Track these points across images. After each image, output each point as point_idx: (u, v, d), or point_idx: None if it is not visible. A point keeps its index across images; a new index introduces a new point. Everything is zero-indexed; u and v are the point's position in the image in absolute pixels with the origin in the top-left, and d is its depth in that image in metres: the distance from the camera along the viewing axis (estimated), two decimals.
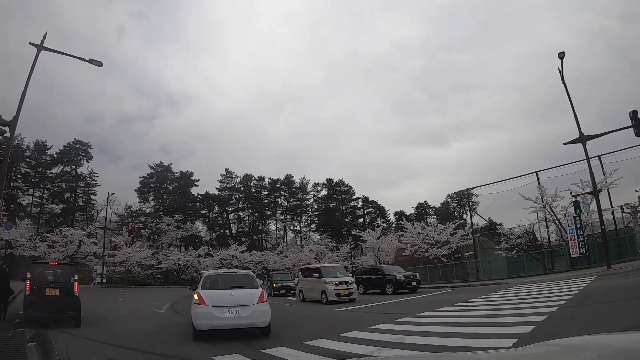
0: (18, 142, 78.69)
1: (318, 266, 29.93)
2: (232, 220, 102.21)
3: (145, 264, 69.50)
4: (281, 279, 39.71)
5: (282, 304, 28.62)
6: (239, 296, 12.99)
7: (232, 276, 14.94)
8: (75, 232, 66.69)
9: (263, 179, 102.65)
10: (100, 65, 23.94)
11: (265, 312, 13.06)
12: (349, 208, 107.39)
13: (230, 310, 12.52)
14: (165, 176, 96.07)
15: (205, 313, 12.44)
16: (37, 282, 16.28)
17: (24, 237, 61.21)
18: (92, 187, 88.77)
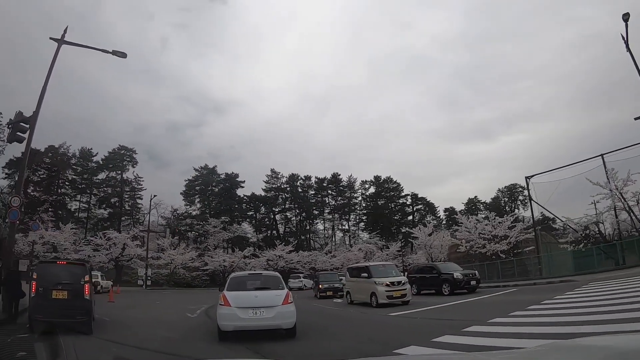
0: (64, 150, 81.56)
1: (367, 265, 26.66)
2: (279, 220, 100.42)
3: (190, 265, 68.24)
4: (328, 279, 36.57)
5: (327, 307, 26.02)
6: (263, 297, 12.80)
7: (257, 277, 14.87)
8: (118, 235, 65.79)
9: (309, 178, 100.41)
10: (125, 57, 23.56)
11: (290, 313, 12.82)
12: (398, 205, 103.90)
13: (254, 311, 12.36)
14: (211, 178, 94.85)
15: (229, 314, 12.30)
16: (43, 283, 14.53)
17: (68, 241, 60.99)
18: (137, 192, 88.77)
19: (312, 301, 32.57)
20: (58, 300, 14.40)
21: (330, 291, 34.00)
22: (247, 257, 72.52)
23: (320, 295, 34.23)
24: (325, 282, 35.40)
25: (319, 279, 37.01)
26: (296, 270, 70.63)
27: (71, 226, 66.25)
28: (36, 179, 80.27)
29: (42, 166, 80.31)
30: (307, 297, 36.92)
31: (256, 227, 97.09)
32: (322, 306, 26.85)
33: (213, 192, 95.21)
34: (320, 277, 37.43)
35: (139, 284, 59.96)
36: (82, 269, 16.13)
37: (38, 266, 15.90)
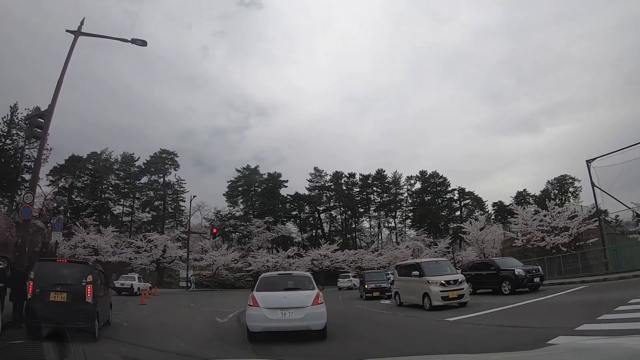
0: (106, 156, 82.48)
1: (418, 262, 23.46)
2: (324, 219, 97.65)
3: (233, 266, 66.84)
4: (374, 279, 33.26)
5: (373, 309, 23.21)
6: (292, 298, 12.40)
7: (287, 278, 14.50)
8: (159, 236, 64.56)
9: (353, 176, 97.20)
10: (145, 45, 22.75)
11: (320, 315, 12.34)
12: (445, 201, 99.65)
13: (283, 312, 12.01)
14: (253, 179, 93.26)
15: (257, 315, 12.10)
16: (41, 284, 12.75)
17: (109, 244, 60.56)
18: (180, 194, 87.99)
19: (358, 302, 29.88)
20: (56, 304, 12.59)
21: (377, 291, 30.94)
22: (291, 257, 70.55)
23: (366, 296, 31.31)
24: (371, 281, 32.22)
25: (365, 278, 33.86)
26: (342, 270, 68.28)
27: (112, 229, 65.67)
28: (80, 185, 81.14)
29: (86, 172, 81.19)
30: (353, 298, 34.32)
31: (300, 226, 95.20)
32: (368, 308, 24.08)
33: (256, 193, 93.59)
34: (366, 277, 34.20)
35: (181, 286, 58.97)
36: (85, 268, 14.16)
37: (36, 265, 13.97)
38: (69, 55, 21.57)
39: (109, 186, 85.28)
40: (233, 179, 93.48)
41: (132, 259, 61.65)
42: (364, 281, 33.41)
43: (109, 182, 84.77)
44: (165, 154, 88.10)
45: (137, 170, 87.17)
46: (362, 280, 35.23)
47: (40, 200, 72.03)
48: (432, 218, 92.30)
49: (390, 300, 28.06)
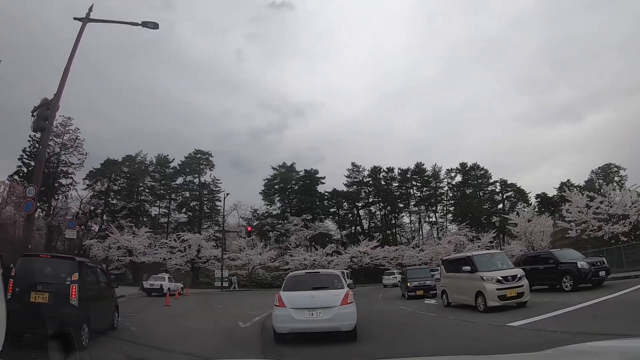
0: (141, 158, 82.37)
1: (469, 255, 19.93)
2: (363, 215, 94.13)
3: (270, 265, 64.80)
4: (417, 276, 29.73)
5: (417, 311, 20.22)
6: (320, 297, 11.71)
7: (315, 276, 13.68)
8: (192, 236, 62.92)
9: (392, 170, 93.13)
10: (157, 28, 22.36)
11: (349, 315, 11.58)
12: (487, 193, 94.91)
13: (310, 312, 11.40)
14: (290, 176, 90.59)
15: (284, 315, 11.51)
16: (22, 283, 10.91)
17: (142, 245, 59.81)
18: (215, 194, 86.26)
19: (399, 302, 26.95)
20: (37, 305, 10.56)
21: (421, 290, 27.78)
22: (329, 255, 68.07)
23: (408, 295, 28.11)
24: (414, 279, 28.88)
25: (407, 275, 30.40)
26: (382, 267, 66.10)
27: (145, 230, 64.60)
28: (116, 188, 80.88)
29: (121, 175, 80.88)
30: (394, 297, 31.35)
31: (339, 223, 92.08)
32: (411, 310, 21.02)
33: (293, 190, 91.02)
34: (409, 273, 30.65)
35: (216, 286, 57.17)
36: (69, 265, 11.98)
37: (19, 260, 12.04)
38: (77, 42, 20.87)
39: (145, 188, 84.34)
40: (269, 177, 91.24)
41: (167, 259, 60.57)
42: (406, 278, 30.03)
43: (145, 184, 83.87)
44: (200, 154, 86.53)
45: (172, 171, 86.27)
46: (404, 278, 31.91)
47: (77, 204, 73.14)
48: (473, 212, 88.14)
49: (435, 299, 25.20)
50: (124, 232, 63.61)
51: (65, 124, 71.91)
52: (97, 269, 14.39)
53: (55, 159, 71.57)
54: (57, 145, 71.87)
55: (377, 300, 30.22)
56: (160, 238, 65.10)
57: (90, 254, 60.03)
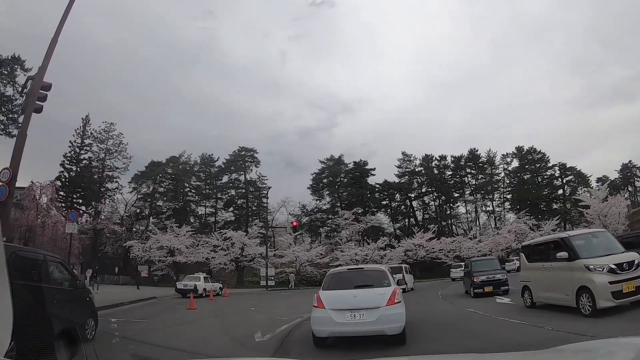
0: (185, 159, 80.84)
1: (564, 237, 13.84)
2: (416, 207, 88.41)
3: (318, 262, 60.32)
4: (484, 268, 23.66)
5: (491, 315, 14.85)
6: (363, 297, 10.12)
7: (358, 273, 11.86)
8: (235, 233, 59.05)
9: (445, 158, 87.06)
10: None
11: (397, 316, 9.92)
12: (545, 179, 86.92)
13: (352, 314, 9.91)
14: (338, 169, 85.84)
15: (322, 317, 10.13)
16: None
17: (184, 244, 57.49)
18: (262, 191, 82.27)
19: (463, 301, 21.67)
20: None
21: (490, 286, 22.11)
22: (382, 249, 63.00)
23: (474, 292, 22.52)
24: (481, 272, 23.05)
25: (472, 268, 24.44)
26: (439, 260, 62.06)
27: (187, 229, 61.78)
28: (162, 190, 79.32)
29: (166, 177, 79.25)
30: (456, 295, 26.04)
31: (392, 216, 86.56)
32: (482, 313, 15.51)
33: (342, 183, 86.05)
34: (474, 266, 24.64)
35: (261, 285, 53.69)
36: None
37: None
38: (66, 14, 19.85)
39: (191, 189, 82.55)
40: (317, 171, 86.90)
41: (210, 258, 57.42)
42: (470, 272, 24.21)
43: (190, 185, 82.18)
44: (244, 151, 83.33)
45: (217, 170, 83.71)
46: (467, 271, 26.13)
47: (122, 207, 71.75)
48: (532, 198, 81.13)
49: (508, 297, 20.09)
50: (166, 233, 61.32)
51: (108, 129, 72.13)
52: (51, 265, 10.17)
53: (100, 164, 72.02)
54: (102, 150, 72.21)
55: (436, 299, 25.01)
56: (202, 237, 61.60)
57: (131, 255, 57.46)
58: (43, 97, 18.94)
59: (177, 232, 60.44)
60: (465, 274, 27.76)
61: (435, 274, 59.99)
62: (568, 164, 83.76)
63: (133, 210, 73.86)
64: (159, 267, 58.32)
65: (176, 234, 60.02)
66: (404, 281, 22.00)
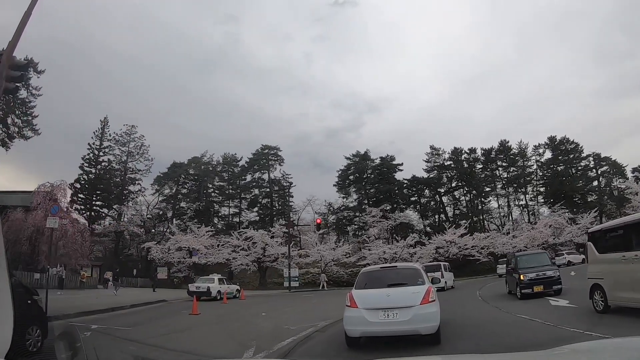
0: (207, 159, 78.95)
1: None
2: (447, 202, 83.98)
3: (345, 261, 56.96)
4: (532, 264, 19.52)
5: (554, 325, 11.16)
6: (397, 296, 9.79)
7: (391, 272, 11.49)
8: (256, 233, 56.19)
9: (474, 151, 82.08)
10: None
11: (431, 315, 9.56)
12: (579, 170, 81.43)
13: (385, 313, 9.56)
14: (364, 165, 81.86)
15: (355, 317, 9.83)
16: None
17: (203, 245, 55.19)
18: (287, 190, 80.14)
19: (509, 303, 17.99)
20: None
21: (540, 285, 18.17)
22: (411, 246, 59.14)
23: (522, 292, 18.67)
24: (528, 269, 19.05)
25: (517, 264, 20.25)
26: (472, 257, 58.33)
27: (207, 229, 58.94)
28: (184, 191, 77.74)
29: (189, 178, 77.49)
30: (498, 295, 22.43)
31: (421, 212, 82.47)
32: (541, 322, 11.80)
33: (369, 180, 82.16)
34: (519, 261, 20.47)
35: (285, 287, 50.64)
36: None
37: None
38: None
39: (215, 189, 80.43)
40: (343, 167, 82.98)
41: (230, 260, 54.57)
42: (515, 268, 20.19)
43: (214, 185, 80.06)
44: (268, 149, 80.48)
45: (240, 169, 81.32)
46: (511, 268, 21.93)
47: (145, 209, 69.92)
48: (567, 191, 76.35)
49: (564, 298, 16.41)
50: (186, 234, 59.14)
51: (129, 132, 71.18)
52: None
53: (122, 167, 71.03)
54: (124, 153, 71.19)
55: (476, 301, 21.39)
56: (222, 237, 58.84)
57: (148, 257, 55.77)
58: (17, 77, 16.30)
59: (197, 232, 58.09)
60: (507, 271, 23.63)
61: (468, 272, 56.00)
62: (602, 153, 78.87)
63: (155, 212, 72.17)
64: (178, 269, 55.81)
65: (195, 235, 57.68)
66: (439, 279, 18.78)
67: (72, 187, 63.69)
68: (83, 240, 44.79)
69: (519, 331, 10.98)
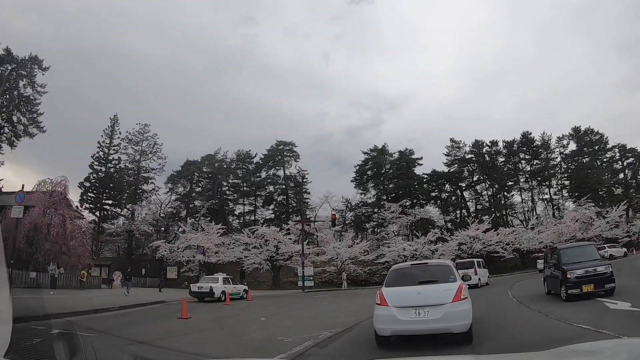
0: (221, 157, 76.74)
1: None
2: (468, 198, 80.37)
3: (362, 259, 53.94)
4: (578, 258, 16.01)
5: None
6: (428, 293, 9.40)
7: (422, 269, 10.79)
8: (267, 230, 53.68)
9: (496, 144, 78.26)
10: None
11: (463, 313, 9.13)
12: (604, 162, 77.52)
13: (416, 311, 9.19)
14: (382, 159, 78.44)
15: (386, 315, 9.50)
16: None
17: (212, 242, 52.52)
18: (302, 186, 77.03)
19: (554, 307, 14.48)
20: None
21: (590, 284, 14.72)
22: (432, 243, 55.83)
23: (568, 293, 15.15)
24: (574, 265, 15.56)
25: (561, 259, 16.58)
26: (496, 254, 55.15)
27: (217, 227, 56.10)
28: (198, 189, 75.58)
29: (203, 176, 75.45)
30: (535, 296, 19.05)
31: (442, 208, 78.89)
32: (613, 337, 8.10)
33: (387, 175, 78.70)
34: (564, 256, 16.78)
35: (299, 286, 47.39)
36: None
37: None
38: None
39: (229, 187, 78.02)
40: (360, 162, 79.62)
41: (242, 259, 51.72)
42: (559, 264, 16.53)
43: (228, 183, 77.61)
44: (283, 144, 77.43)
45: (255, 166, 78.65)
46: (552, 264, 18.00)
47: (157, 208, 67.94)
48: (593, 184, 72.12)
49: (616, 299, 13.64)
50: (197, 232, 56.91)
51: (142, 130, 69.70)
52: None
53: (135, 166, 69.55)
54: (137, 152, 69.80)
55: (509, 302, 18.19)
56: (234, 235, 55.95)
57: (157, 255, 53.55)
58: None
59: (207, 230, 55.56)
60: (547, 267, 19.58)
61: (493, 269, 52.21)
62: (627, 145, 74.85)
63: (169, 211, 70.14)
64: (189, 268, 53.09)
65: (206, 233, 55.06)
66: (470, 276, 18.23)
67: (82, 186, 62.41)
68: (85, 238, 42.38)
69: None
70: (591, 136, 76.89)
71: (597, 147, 76.81)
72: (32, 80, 53.99)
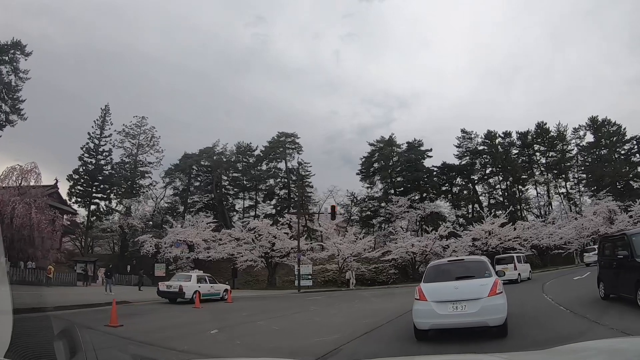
0: (221, 149, 72.21)
1: None
2: (481, 192, 75.11)
3: (367, 256, 48.95)
4: None
5: None
6: (464, 288, 9.57)
7: (458, 265, 11.11)
8: (260, 223, 48.99)
9: (510, 135, 72.91)
10: None
11: (498, 307, 9.29)
12: (622, 155, 71.53)
13: (454, 305, 9.38)
14: (389, 150, 72.95)
15: (425, 310, 9.66)
16: None
17: (200, 237, 48.92)
18: (305, 179, 72.26)
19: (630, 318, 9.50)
20: None
21: None
22: (443, 238, 50.63)
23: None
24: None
25: (634, 248, 11.13)
26: (513, 250, 48.31)
27: (207, 222, 52.06)
28: (197, 184, 71.29)
29: (201, 170, 71.33)
30: (589, 302, 13.70)
31: (453, 202, 73.16)
32: None
33: (395, 167, 73.52)
34: (635, 242, 11.34)
35: (296, 285, 42.81)
36: None
37: None
38: None
39: (229, 181, 73.66)
40: (366, 154, 74.17)
41: (236, 254, 46.95)
42: (632, 256, 11.13)
43: (228, 176, 73.20)
44: (285, 136, 72.45)
45: (255, 159, 74.07)
46: (620, 258, 12.32)
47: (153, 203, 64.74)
48: (612, 177, 66.69)
49: None
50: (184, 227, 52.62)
51: (139, 124, 65.90)
52: None
53: (132, 160, 65.80)
54: (134, 146, 66.03)
55: (556, 313, 12.91)
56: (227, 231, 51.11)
57: (142, 251, 49.80)
58: None
59: (197, 224, 51.15)
60: (607, 262, 13.73)
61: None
62: None
63: (165, 206, 66.47)
64: (178, 266, 48.00)
65: (196, 227, 50.76)
66: (503, 272, 14.19)
67: (71, 179, 58.76)
68: (54, 230, 37.90)
69: None
70: (608, 127, 71.15)
71: (615, 139, 71.04)
72: (15, 66, 49.97)
